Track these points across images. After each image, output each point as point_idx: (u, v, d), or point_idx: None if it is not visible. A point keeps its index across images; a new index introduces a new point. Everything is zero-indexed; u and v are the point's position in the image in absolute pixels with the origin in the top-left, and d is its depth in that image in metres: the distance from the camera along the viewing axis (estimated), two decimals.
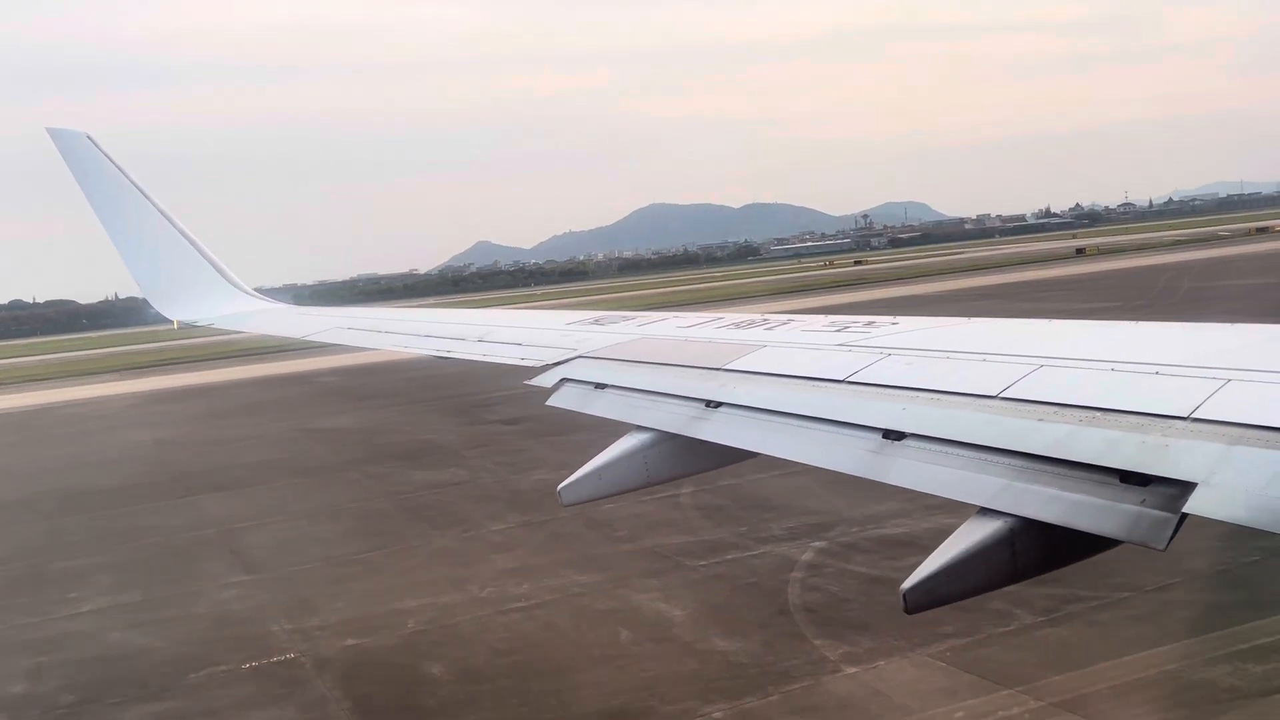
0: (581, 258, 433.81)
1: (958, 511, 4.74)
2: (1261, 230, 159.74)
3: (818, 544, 20.46)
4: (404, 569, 21.89)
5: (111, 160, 15.00)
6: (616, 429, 7.03)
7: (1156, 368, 5.00)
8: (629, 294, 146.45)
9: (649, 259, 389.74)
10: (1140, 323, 6.28)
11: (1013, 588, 4.76)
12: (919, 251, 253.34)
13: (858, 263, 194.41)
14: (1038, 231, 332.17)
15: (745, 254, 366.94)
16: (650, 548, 21.47)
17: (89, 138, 14.99)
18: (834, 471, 5.50)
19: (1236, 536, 15.36)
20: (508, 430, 38.08)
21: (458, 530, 24.71)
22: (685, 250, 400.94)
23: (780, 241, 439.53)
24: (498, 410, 42.09)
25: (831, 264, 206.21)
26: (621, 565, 20.46)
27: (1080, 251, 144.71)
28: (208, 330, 16.62)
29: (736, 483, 24.51)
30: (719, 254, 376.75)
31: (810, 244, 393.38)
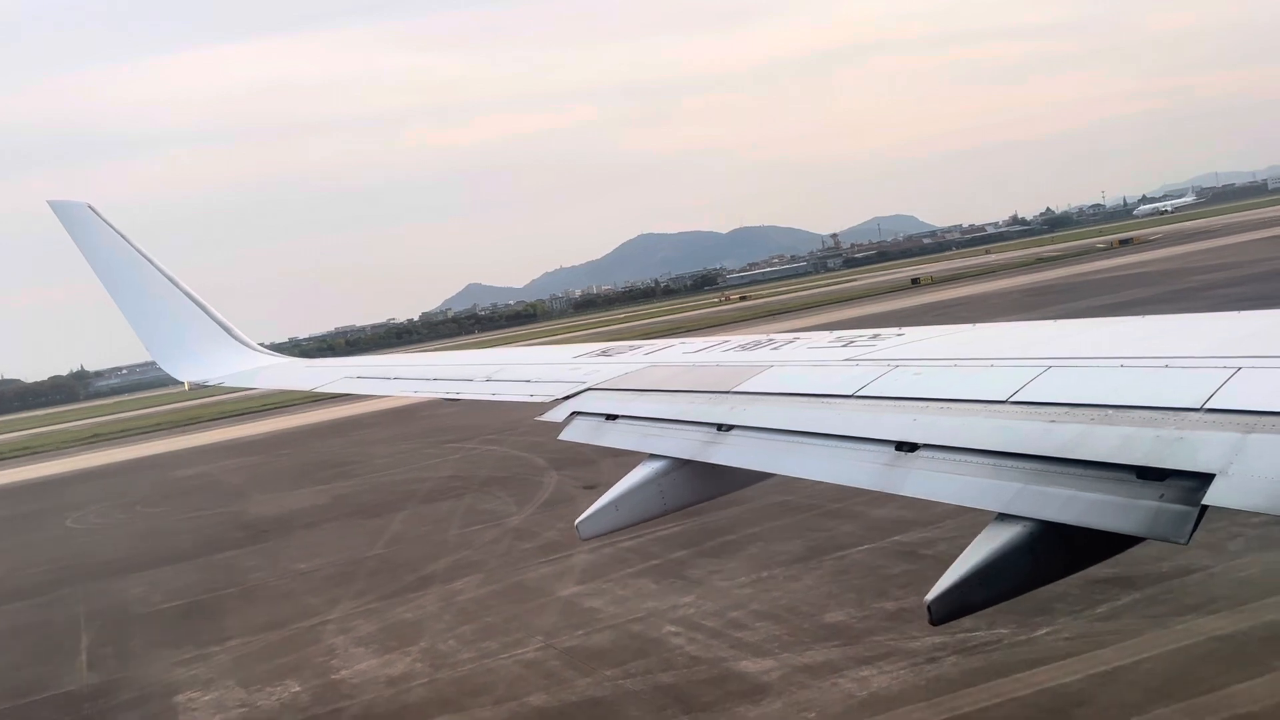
0: (578, 292, 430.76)
1: None
2: (1125, 242, 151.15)
3: None
4: None
5: (114, 228, 14.83)
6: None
7: (1166, 360, 4.98)
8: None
9: (605, 295, 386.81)
10: (1147, 317, 6.26)
11: None
12: (841, 276, 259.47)
13: (743, 298, 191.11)
14: (996, 241, 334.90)
15: (704, 283, 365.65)
16: None
17: (90, 207, 14.81)
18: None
19: None
20: None
21: None
22: (657, 283, 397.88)
23: (752, 265, 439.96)
24: None
25: (727, 299, 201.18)
26: None
27: (915, 282, 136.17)
28: (218, 390, 16.17)
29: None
30: (676, 286, 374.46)
31: (775, 268, 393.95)
